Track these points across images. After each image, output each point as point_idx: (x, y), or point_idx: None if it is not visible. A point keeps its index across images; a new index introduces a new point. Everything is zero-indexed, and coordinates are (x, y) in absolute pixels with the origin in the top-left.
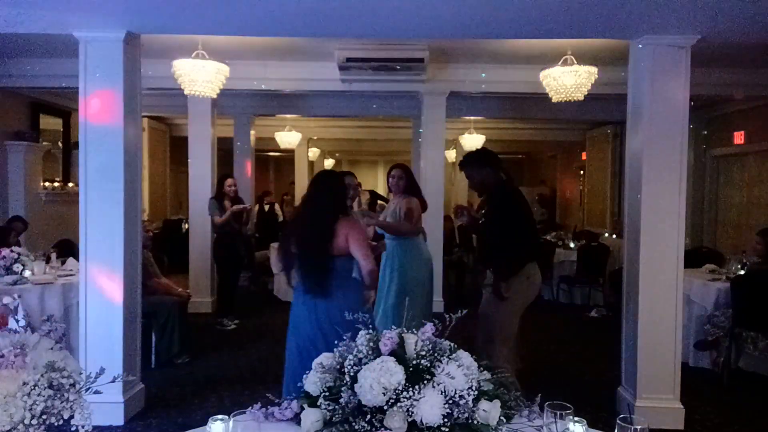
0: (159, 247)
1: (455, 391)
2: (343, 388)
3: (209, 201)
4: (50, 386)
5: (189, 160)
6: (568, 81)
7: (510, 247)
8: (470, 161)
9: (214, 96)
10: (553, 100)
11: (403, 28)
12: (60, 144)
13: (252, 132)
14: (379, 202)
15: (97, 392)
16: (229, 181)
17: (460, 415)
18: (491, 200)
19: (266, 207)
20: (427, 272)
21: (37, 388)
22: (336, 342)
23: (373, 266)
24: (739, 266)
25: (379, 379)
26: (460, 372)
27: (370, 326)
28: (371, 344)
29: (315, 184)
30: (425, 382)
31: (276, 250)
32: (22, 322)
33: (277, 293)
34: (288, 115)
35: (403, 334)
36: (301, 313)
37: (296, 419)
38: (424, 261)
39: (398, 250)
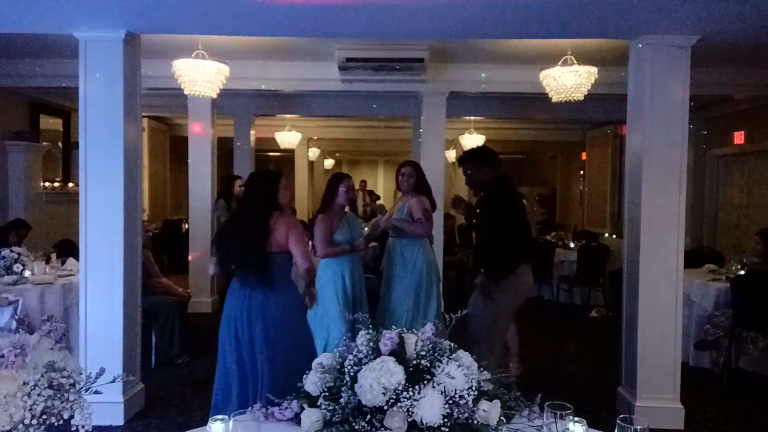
0: (159, 247)
1: (455, 391)
2: (343, 388)
3: (217, 202)
4: (50, 386)
5: (189, 160)
6: (568, 81)
7: (502, 247)
8: (468, 158)
9: (214, 96)
10: (553, 100)
11: (403, 28)
12: (60, 144)
13: (252, 132)
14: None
15: (97, 392)
16: (238, 181)
17: (460, 415)
18: (486, 199)
19: None
20: (430, 273)
21: (37, 388)
22: (271, 337)
23: (309, 265)
24: (739, 266)
25: (379, 379)
26: (460, 372)
27: (370, 326)
28: (371, 344)
29: (247, 184)
30: (425, 382)
31: (212, 252)
32: (13, 325)
33: None
34: (288, 115)
35: (403, 334)
36: (234, 306)
37: (296, 419)
38: (426, 261)
39: (400, 249)
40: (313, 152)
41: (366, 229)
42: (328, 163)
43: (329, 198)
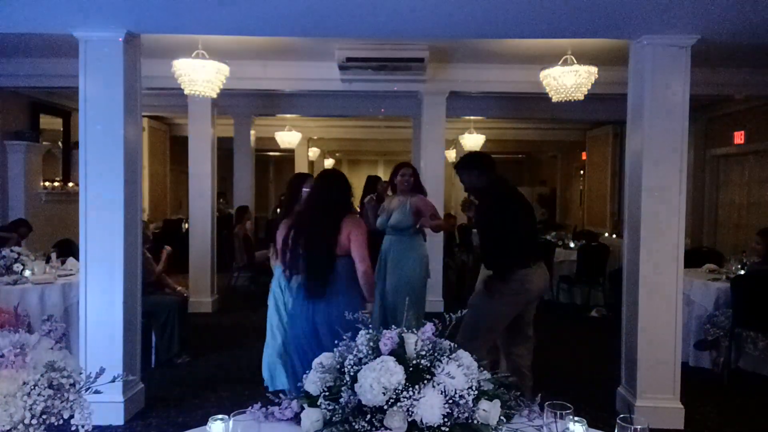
0: (159, 247)
1: (455, 390)
2: (343, 388)
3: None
4: (50, 386)
5: (189, 160)
6: (568, 81)
7: (500, 249)
8: (463, 165)
9: (214, 96)
10: (553, 100)
11: (403, 28)
12: (60, 144)
13: (252, 132)
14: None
15: (97, 392)
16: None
17: (460, 415)
18: (484, 203)
19: None
20: (422, 269)
21: (37, 387)
22: (336, 343)
23: (367, 268)
24: (739, 266)
25: (379, 378)
26: (460, 372)
27: (369, 325)
28: (371, 344)
29: (322, 181)
30: (425, 381)
31: (276, 252)
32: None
33: None
34: (288, 115)
35: (403, 334)
36: (297, 313)
37: (296, 419)
38: (419, 257)
39: (395, 245)
40: (313, 152)
41: None
42: (328, 162)
43: (292, 200)
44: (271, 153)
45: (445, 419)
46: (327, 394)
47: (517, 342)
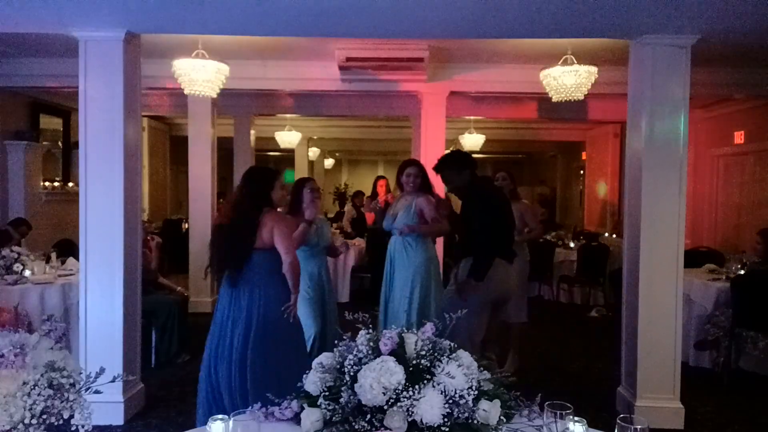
0: (159, 247)
1: (455, 390)
2: (343, 388)
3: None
4: (50, 386)
5: (189, 160)
6: (568, 81)
7: (478, 250)
8: (441, 163)
9: (214, 96)
10: (553, 100)
11: (403, 28)
12: (60, 144)
13: (252, 132)
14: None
15: (97, 392)
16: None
17: (460, 415)
18: (463, 201)
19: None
20: (428, 271)
21: (37, 387)
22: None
23: (293, 259)
24: (739, 266)
25: (379, 378)
26: (460, 372)
27: (370, 325)
28: (371, 344)
29: (243, 178)
30: (425, 381)
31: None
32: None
33: None
34: (288, 115)
35: (403, 334)
36: (223, 306)
37: (296, 419)
38: (426, 259)
39: (400, 247)
40: (313, 152)
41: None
42: (328, 162)
43: (294, 202)
44: (271, 153)
45: (445, 419)
46: (327, 394)
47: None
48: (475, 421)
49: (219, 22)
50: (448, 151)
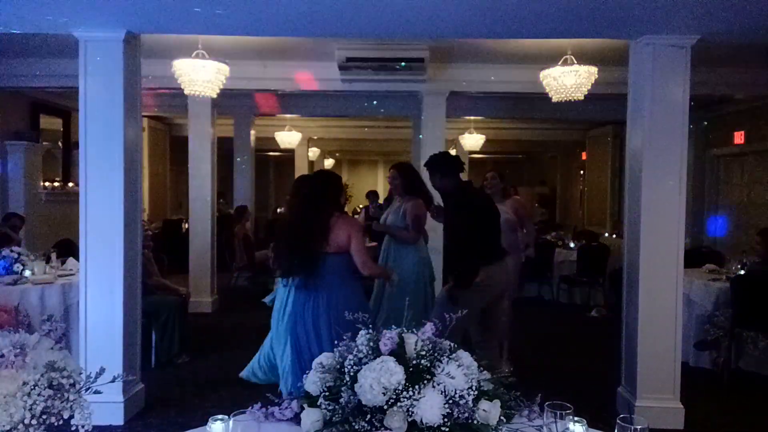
0: (159, 247)
1: (455, 391)
2: (343, 388)
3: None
4: (50, 386)
5: (189, 160)
6: (568, 81)
7: (465, 255)
8: (430, 164)
9: (214, 96)
10: (553, 100)
11: (403, 28)
12: (60, 144)
13: (252, 132)
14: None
15: (97, 392)
16: None
17: (460, 415)
18: (449, 204)
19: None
20: (421, 271)
21: (37, 388)
22: (335, 341)
23: (370, 271)
24: (739, 266)
25: (379, 379)
26: (460, 372)
27: (370, 325)
28: (371, 344)
29: (311, 181)
30: (425, 382)
31: (273, 252)
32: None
33: None
34: (288, 115)
35: (403, 334)
36: (298, 310)
37: (296, 419)
38: (418, 260)
39: (393, 246)
40: (313, 152)
41: None
42: (328, 162)
43: None
44: (271, 153)
45: (445, 419)
46: (327, 394)
47: (486, 337)
48: (475, 422)
49: (219, 22)
50: (436, 153)
